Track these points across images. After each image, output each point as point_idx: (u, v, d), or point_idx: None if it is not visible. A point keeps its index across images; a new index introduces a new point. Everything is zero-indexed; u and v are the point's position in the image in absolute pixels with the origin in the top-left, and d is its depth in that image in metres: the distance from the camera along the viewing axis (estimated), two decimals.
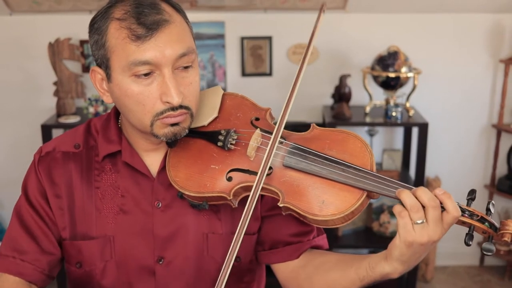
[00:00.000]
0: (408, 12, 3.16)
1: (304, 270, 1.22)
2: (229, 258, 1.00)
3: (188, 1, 3.01)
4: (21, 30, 3.12)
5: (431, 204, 0.95)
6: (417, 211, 0.95)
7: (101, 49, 1.09)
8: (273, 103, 3.23)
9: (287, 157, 1.09)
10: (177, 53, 1.06)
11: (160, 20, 1.05)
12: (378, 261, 1.03)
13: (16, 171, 3.16)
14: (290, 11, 3.12)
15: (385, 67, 2.90)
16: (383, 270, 1.02)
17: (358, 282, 1.09)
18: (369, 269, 1.06)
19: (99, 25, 1.09)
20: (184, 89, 1.09)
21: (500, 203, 3.36)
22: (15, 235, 1.21)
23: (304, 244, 1.24)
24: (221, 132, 1.15)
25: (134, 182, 1.21)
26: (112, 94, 1.13)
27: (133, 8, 1.06)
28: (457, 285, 3.32)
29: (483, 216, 1.00)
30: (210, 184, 1.12)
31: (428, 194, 0.96)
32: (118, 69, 1.07)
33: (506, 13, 3.14)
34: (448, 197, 0.96)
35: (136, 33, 1.04)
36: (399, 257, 0.99)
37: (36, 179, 1.22)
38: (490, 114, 3.33)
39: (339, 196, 1.04)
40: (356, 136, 1.11)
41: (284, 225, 1.23)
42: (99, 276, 1.21)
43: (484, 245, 0.98)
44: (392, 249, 0.99)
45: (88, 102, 3.01)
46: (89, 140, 1.25)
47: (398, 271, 1.01)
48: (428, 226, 0.96)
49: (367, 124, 3.06)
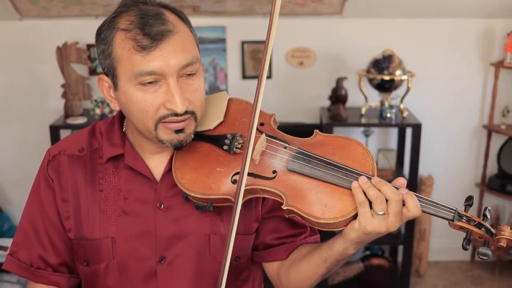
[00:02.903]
0: (402, 17, 3.21)
1: (283, 266, 1.26)
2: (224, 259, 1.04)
3: (191, 7, 3.07)
4: (30, 35, 3.18)
5: (395, 198, 1.00)
6: (380, 202, 1.00)
7: (107, 58, 1.10)
8: (273, 104, 3.35)
9: (292, 161, 1.10)
10: (182, 63, 1.07)
11: (164, 30, 1.05)
12: (335, 240, 1.09)
13: (25, 170, 3.28)
14: (288, 16, 3.18)
15: (380, 70, 2.95)
16: (340, 247, 1.07)
17: (322, 263, 1.13)
18: (328, 249, 1.10)
19: (105, 35, 1.09)
20: (189, 95, 1.10)
21: (490, 201, 3.43)
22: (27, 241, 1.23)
23: (295, 244, 1.26)
24: (227, 136, 1.16)
25: (136, 185, 1.20)
26: (119, 101, 1.14)
27: (137, 19, 1.06)
28: (449, 279, 3.38)
29: (480, 222, 1.02)
30: (215, 187, 1.12)
31: (391, 188, 1.00)
32: (124, 78, 1.08)
33: (497, 18, 3.21)
34: (410, 196, 1.01)
35: (141, 44, 1.04)
36: (355, 239, 1.04)
37: (46, 184, 1.22)
38: (481, 115, 3.39)
39: (341, 200, 1.05)
40: (358, 142, 1.12)
41: (278, 227, 1.26)
42: (103, 276, 1.21)
43: (480, 250, 1.00)
44: (350, 231, 1.03)
45: (95, 103, 3.06)
46: (93, 143, 1.24)
47: (353, 248, 1.06)
48: (388, 218, 1.00)
49: (362, 125, 3.10)
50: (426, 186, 3.29)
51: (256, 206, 1.24)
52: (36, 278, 1.24)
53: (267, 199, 1.15)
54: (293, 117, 3.30)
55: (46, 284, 1.24)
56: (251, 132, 1.06)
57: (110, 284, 1.21)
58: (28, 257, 1.23)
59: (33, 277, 1.24)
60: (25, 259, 1.24)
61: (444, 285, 3.34)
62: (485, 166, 3.40)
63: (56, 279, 1.24)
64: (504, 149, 3.35)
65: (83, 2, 3.00)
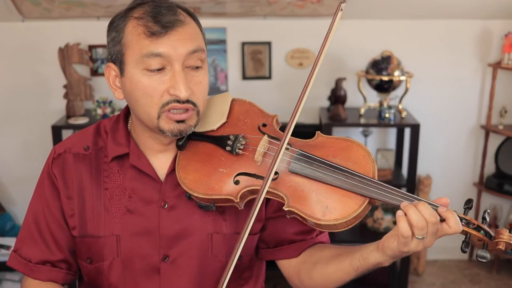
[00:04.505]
0: (401, 18, 3.23)
1: (304, 265, 1.24)
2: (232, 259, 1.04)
3: (191, 8, 3.07)
4: (33, 36, 3.19)
5: (432, 221, 0.97)
6: (421, 228, 0.97)
7: (117, 45, 1.12)
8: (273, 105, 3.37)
9: (293, 163, 1.10)
10: (188, 50, 1.09)
11: (175, 20, 1.09)
12: (370, 252, 1.07)
13: (28, 169, 3.31)
14: (288, 17, 3.19)
15: (379, 71, 2.97)
16: (375, 260, 1.06)
17: (353, 272, 1.12)
18: (362, 260, 1.09)
19: (118, 23, 1.13)
20: (193, 86, 1.11)
21: (488, 200, 3.46)
22: (30, 237, 1.25)
23: (306, 242, 1.27)
24: (230, 137, 1.17)
25: (141, 184, 1.21)
26: (124, 89, 1.15)
27: (151, 9, 1.10)
28: (447, 278, 3.40)
29: (479, 225, 1.01)
30: (218, 187, 1.13)
31: (429, 210, 0.97)
32: (131, 62, 1.10)
33: (494, 19, 3.23)
34: (451, 214, 0.99)
35: (151, 30, 1.07)
36: (391, 255, 1.03)
37: (50, 182, 1.23)
38: (479, 115, 3.41)
39: (342, 202, 1.05)
40: (359, 144, 1.12)
41: (288, 224, 1.25)
42: (107, 273, 1.22)
43: (478, 252, 0.99)
44: (387, 247, 1.02)
45: (96, 104, 3.08)
46: (98, 141, 1.25)
47: (389, 261, 1.06)
48: (425, 239, 0.99)
49: (361, 125, 3.12)
50: (424, 186, 3.32)
51: (260, 206, 1.24)
52: (34, 274, 1.24)
53: (272, 199, 1.16)
54: None
55: (42, 280, 1.24)
56: (284, 140, 1.08)
57: (114, 281, 1.22)
58: (30, 253, 1.24)
59: (30, 273, 1.24)
60: (26, 255, 1.24)
61: (442, 283, 3.36)
62: (482, 166, 3.42)
63: (54, 275, 1.25)
64: (502, 149, 3.38)
65: (85, 4, 3.02)
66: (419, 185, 3.33)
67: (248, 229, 1.06)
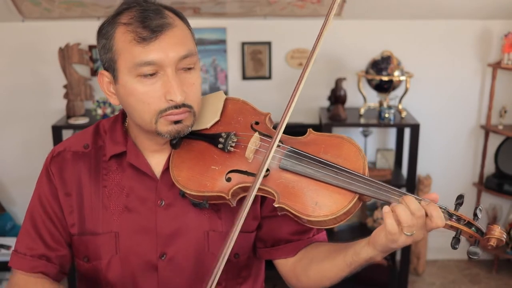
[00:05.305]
0: (400, 18, 3.23)
1: (300, 263, 1.26)
2: (224, 254, 1.05)
3: (191, 8, 3.10)
4: (33, 36, 3.20)
5: (417, 214, 0.99)
6: (410, 226, 0.98)
7: (108, 52, 1.13)
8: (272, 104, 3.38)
9: (284, 159, 1.12)
10: (180, 55, 1.10)
11: (164, 23, 1.09)
12: (362, 247, 1.09)
13: (28, 169, 3.31)
14: (288, 17, 3.20)
15: (378, 71, 2.97)
16: (367, 255, 1.08)
17: (346, 268, 1.13)
18: (354, 255, 1.10)
19: (107, 30, 1.13)
20: (186, 88, 1.12)
21: (488, 200, 3.46)
22: (26, 233, 1.26)
23: (302, 242, 1.27)
24: (222, 135, 1.18)
25: (138, 182, 1.23)
26: (118, 95, 1.16)
27: (138, 13, 1.10)
28: (447, 278, 3.40)
29: (470, 221, 1.01)
30: (210, 184, 1.14)
31: (415, 204, 0.99)
32: (124, 70, 1.11)
33: (494, 20, 3.23)
34: (434, 208, 0.99)
35: (141, 35, 1.08)
36: (381, 249, 1.05)
37: (48, 179, 1.25)
38: (479, 115, 3.41)
39: (332, 198, 1.06)
40: (350, 141, 1.13)
41: (284, 224, 1.26)
42: (105, 270, 1.23)
43: (469, 249, 1.00)
44: (377, 242, 1.04)
45: (96, 104, 3.09)
46: (97, 141, 1.27)
47: (380, 256, 1.07)
48: (414, 234, 0.99)
49: (361, 125, 3.12)
50: (424, 186, 3.32)
51: (255, 204, 1.26)
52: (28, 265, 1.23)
53: (268, 198, 1.17)
54: (292, 117, 3.25)
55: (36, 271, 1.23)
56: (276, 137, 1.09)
57: (111, 279, 1.24)
58: (26, 248, 1.25)
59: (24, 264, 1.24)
60: (22, 249, 1.25)
61: (442, 283, 3.36)
62: (482, 166, 3.42)
63: (48, 269, 1.25)
64: (502, 149, 3.38)
65: (85, 4, 3.03)
66: (419, 185, 3.33)
67: (240, 224, 1.06)
